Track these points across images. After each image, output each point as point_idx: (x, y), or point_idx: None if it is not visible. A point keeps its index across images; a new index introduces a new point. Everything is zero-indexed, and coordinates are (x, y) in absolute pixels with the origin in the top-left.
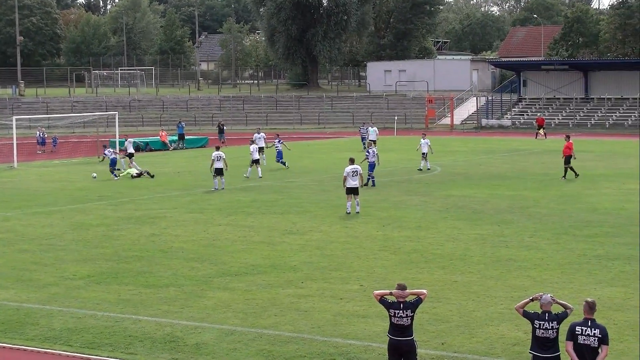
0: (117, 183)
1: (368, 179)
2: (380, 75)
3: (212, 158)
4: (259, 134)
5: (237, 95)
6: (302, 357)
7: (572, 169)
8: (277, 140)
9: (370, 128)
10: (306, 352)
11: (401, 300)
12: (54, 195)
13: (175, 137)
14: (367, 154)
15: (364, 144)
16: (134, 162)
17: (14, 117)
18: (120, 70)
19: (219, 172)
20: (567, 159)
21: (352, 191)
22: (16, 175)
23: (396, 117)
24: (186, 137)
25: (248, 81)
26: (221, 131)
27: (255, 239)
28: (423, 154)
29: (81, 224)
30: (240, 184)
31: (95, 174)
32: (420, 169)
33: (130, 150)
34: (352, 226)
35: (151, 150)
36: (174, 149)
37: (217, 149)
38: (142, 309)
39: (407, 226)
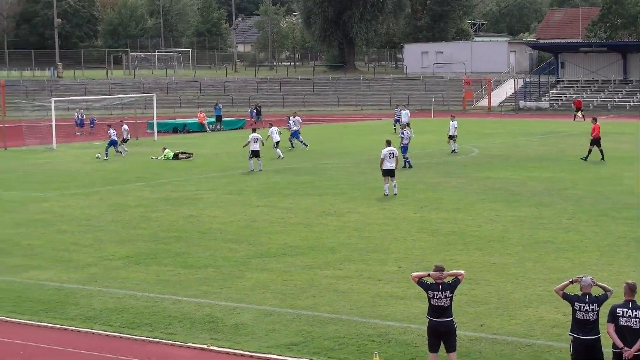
0: (155, 164)
1: (405, 161)
2: (417, 57)
3: (249, 140)
4: (294, 117)
5: (274, 77)
6: (341, 338)
7: (590, 151)
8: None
9: (402, 111)
10: (345, 333)
11: (439, 281)
12: (92, 177)
13: (213, 119)
14: (402, 135)
15: (395, 127)
16: (123, 147)
17: (53, 99)
18: (158, 52)
19: (255, 153)
20: (597, 141)
21: (389, 173)
22: (55, 157)
23: (433, 99)
24: (224, 119)
25: (285, 63)
26: (258, 113)
27: (293, 220)
28: (451, 136)
29: (119, 205)
30: (276, 165)
31: (99, 155)
32: (455, 151)
33: (126, 136)
34: (389, 208)
35: (189, 132)
36: (211, 130)
37: (254, 130)
38: (181, 290)
39: (445, 208)
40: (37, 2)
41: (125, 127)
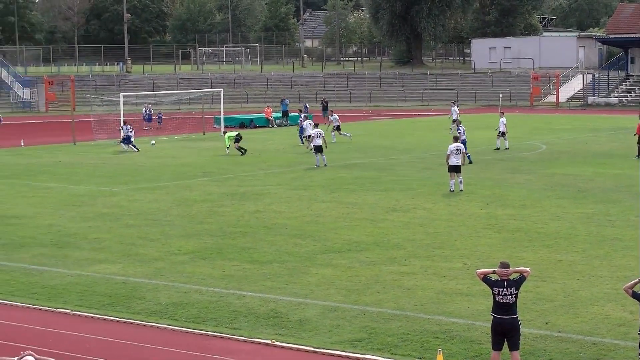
0: (222, 159)
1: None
2: (485, 52)
3: (312, 135)
4: (331, 116)
5: (341, 72)
6: (405, 334)
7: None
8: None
9: (452, 107)
10: (409, 329)
11: (504, 278)
12: (159, 171)
13: (280, 114)
14: (459, 131)
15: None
16: (130, 146)
17: (121, 94)
18: (225, 47)
19: (318, 149)
20: None
21: (455, 169)
22: (122, 151)
23: (501, 95)
24: (290, 114)
25: (352, 58)
26: (325, 108)
27: (358, 216)
28: (501, 133)
29: (186, 200)
30: (343, 161)
31: (153, 142)
32: (498, 148)
33: (128, 133)
34: (455, 204)
35: (255, 127)
36: (277, 125)
37: (316, 126)
38: (246, 285)
39: (511, 204)
40: None
41: (127, 126)
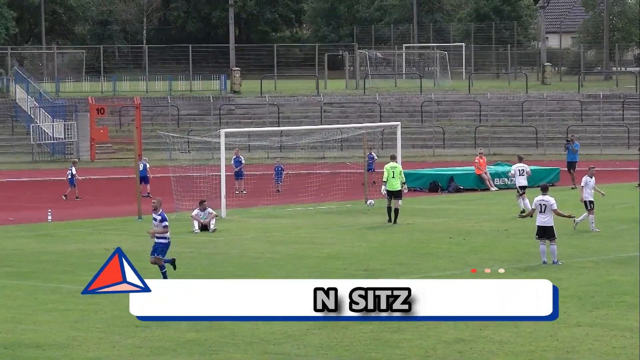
0: (400, 245)
1: None
2: None
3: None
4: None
5: (610, 93)
6: None
7: None
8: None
9: None
10: None
11: None
12: (288, 267)
13: (505, 166)
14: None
15: None
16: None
17: (222, 131)
18: (405, 48)
19: (544, 232)
20: None
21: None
22: (224, 231)
23: None
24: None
25: (632, 68)
26: None
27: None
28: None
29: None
30: (612, 252)
31: (372, 201)
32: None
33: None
34: None
35: (459, 190)
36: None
37: (544, 190)
38: None
39: None
40: None
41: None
